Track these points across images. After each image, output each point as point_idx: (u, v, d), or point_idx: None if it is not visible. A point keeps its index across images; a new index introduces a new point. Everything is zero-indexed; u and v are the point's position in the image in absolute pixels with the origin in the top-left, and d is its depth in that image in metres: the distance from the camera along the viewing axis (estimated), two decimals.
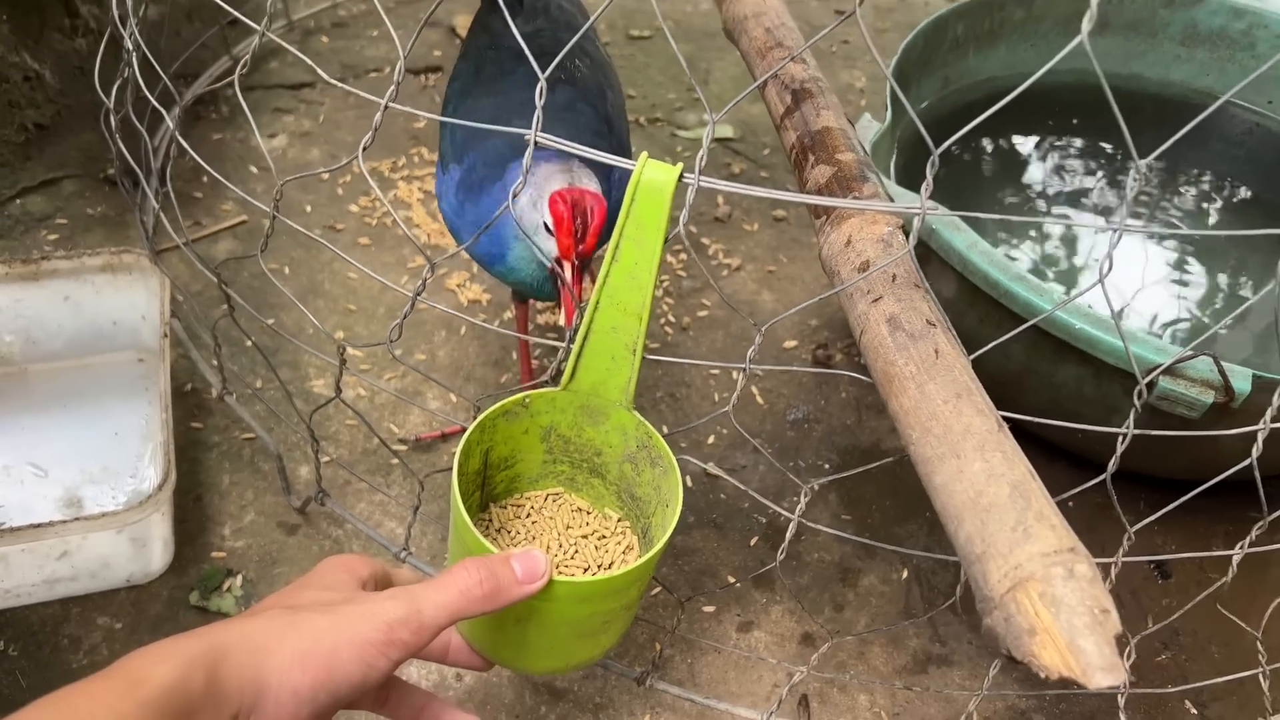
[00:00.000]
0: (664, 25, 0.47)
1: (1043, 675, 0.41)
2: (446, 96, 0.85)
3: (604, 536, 0.63)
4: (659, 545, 0.56)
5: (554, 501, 0.66)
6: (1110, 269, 0.49)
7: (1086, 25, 0.47)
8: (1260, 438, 0.57)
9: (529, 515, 0.64)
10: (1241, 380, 0.73)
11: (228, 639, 0.43)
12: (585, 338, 0.58)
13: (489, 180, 0.74)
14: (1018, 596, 0.43)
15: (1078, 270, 1.08)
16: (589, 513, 0.65)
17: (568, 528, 0.63)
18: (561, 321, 0.71)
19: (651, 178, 0.51)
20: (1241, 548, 0.65)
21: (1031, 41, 1.18)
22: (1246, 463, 0.58)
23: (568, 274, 0.69)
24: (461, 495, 0.56)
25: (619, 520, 0.64)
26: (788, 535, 0.62)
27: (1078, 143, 1.22)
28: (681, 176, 0.51)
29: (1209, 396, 0.73)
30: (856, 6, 0.46)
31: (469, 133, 0.76)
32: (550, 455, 0.65)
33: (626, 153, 0.85)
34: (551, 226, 0.68)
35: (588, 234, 0.67)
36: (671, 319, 1.10)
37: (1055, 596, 0.42)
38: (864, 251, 0.59)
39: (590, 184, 0.69)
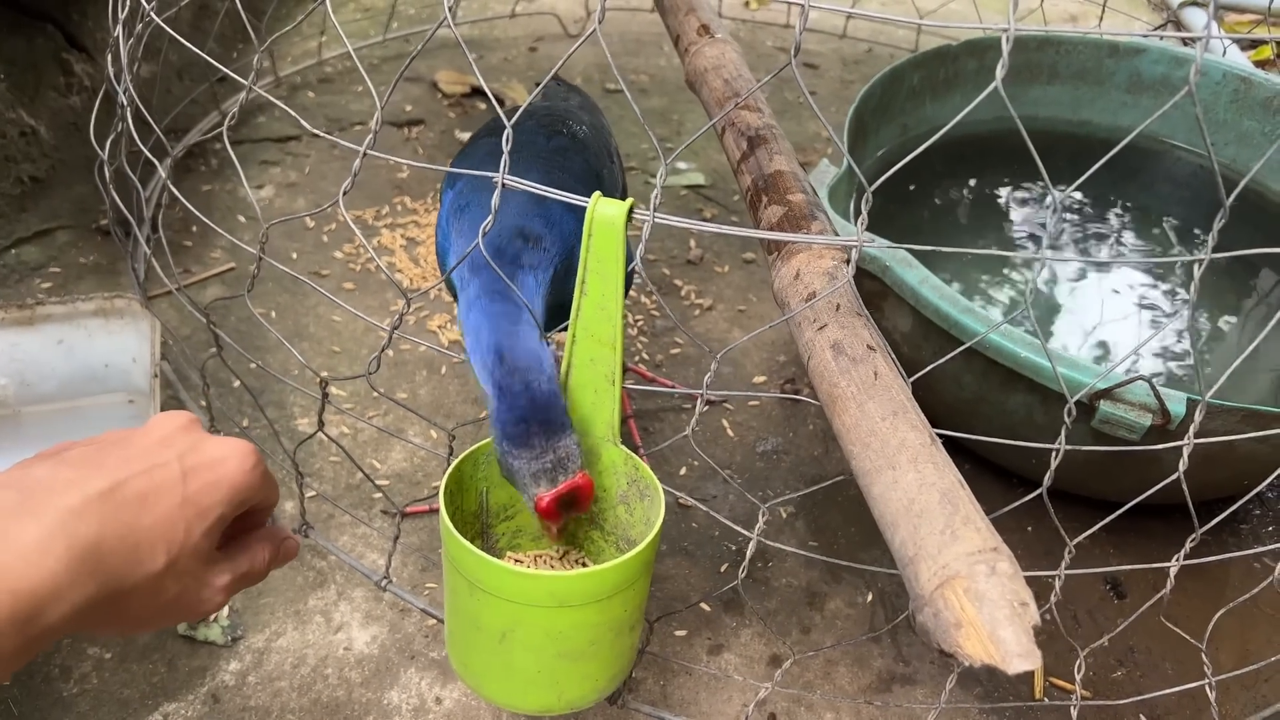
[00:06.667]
0: (623, 81, 0.51)
1: (967, 664, 0.45)
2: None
3: None
4: (641, 546, 0.58)
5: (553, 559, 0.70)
6: (1033, 295, 0.53)
7: (1000, 72, 0.52)
8: (1185, 453, 0.62)
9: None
10: (1176, 404, 0.77)
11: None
12: (568, 373, 0.62)
13: (472, 204, 0.76)
14: (945, 593, 0.46)
15: (1057, 311, 1.13)
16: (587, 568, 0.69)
17: None
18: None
19: (604, 213, 0.56)
20: (1178, 560, 0.68)
21: (985, 91, 1.24)
22: (1174, 477, 0.62)
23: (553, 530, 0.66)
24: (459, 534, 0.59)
25: None
26: (748, 554, 0.66)
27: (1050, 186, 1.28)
28: (632, 211, 0.56)
29: (1146, 419, 0.77)
30: (792, 58, 0.51)
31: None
32: None
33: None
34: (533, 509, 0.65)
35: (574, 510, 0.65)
36: (645, 356, 1.14)
37: (978, 592, 0.46)
38: (811, 283, 0.63)
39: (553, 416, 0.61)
